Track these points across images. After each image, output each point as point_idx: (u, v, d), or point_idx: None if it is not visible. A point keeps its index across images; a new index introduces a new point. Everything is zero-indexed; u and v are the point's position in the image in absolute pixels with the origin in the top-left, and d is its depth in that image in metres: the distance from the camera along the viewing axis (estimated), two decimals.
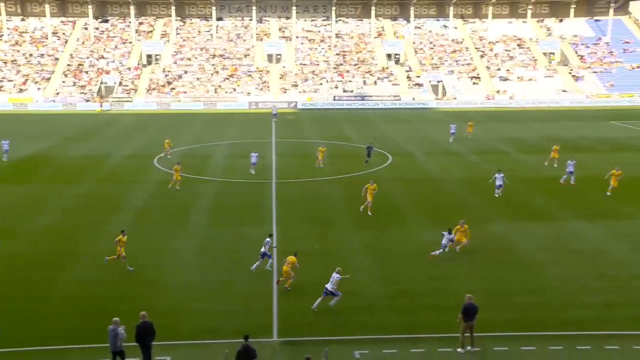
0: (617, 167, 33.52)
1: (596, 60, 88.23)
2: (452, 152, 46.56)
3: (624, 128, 59.43)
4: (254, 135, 55.21)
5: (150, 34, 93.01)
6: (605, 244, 25.26)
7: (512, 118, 68.11)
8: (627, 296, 20.16)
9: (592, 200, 32.45)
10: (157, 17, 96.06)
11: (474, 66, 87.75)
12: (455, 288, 20.73)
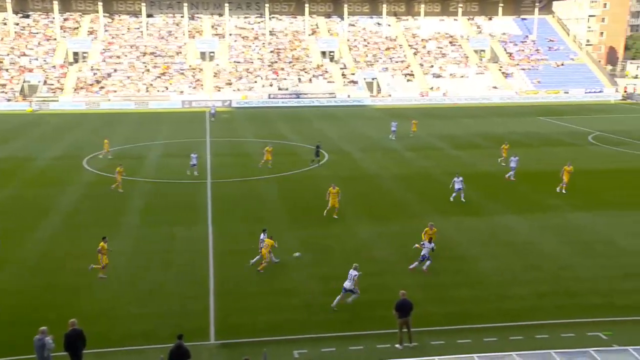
0: (568, 163, 34.32)
1: (524, 57, 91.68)
2: (388, 148, 47.24)
3: (550, 123, 62.01)
4: (188, 134, 54.25)
5: (76, 31, 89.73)
6: (535, 236, 26.24)
7: (445, 114, 69.82)
8: (556, 286, 21.01)
9: (522, 194, 33.65)
10: (83, 13, 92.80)
11: (407, 63, 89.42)
12: (392, 283, 21.01)
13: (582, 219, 28.41)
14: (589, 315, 18.65)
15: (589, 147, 47.47)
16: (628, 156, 43.58)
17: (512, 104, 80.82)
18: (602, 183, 35.70)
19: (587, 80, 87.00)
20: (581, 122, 61.33)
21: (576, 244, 25.21)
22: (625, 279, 21.52)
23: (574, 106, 77.22)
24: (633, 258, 23.46)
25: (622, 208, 30.24)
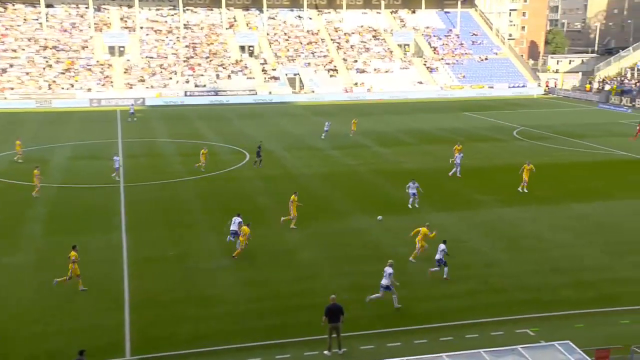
0: (527, 162, 34.97)
1: (448, 52, 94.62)
2: (313, 147, 47.51)
3: (476, 119, 64.30)
4: (98, 135, 52.43)
5: None
6: (464, 234, 27.12)
7: (370, 111, 70.96)
8: (485, 283, 21.77)
9: (451, 191, 34.69)
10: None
11: (330, 58, 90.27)
12: (321, 286, 21.14)
13: (509, 215, 29.60)
14: (517, 312, 19.44)
15: (514, 142, 49.54)
16: (551, 150, 45.81)
17: (438, 99, 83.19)
18: (527, 178, 37.31)
19: (511, 75, 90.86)
20: (506, 117, 63.96)
21: (504, 240, 26.23)
22: (552, 273, 22.59)
23: (499, 101, 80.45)
24: (559, 252, 24.67)
25: (547, 202, 31.75)
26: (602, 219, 29.03)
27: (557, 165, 40.62)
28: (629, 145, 47.17)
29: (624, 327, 18.43)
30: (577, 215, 29.55)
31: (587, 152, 44.92)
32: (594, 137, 50.88)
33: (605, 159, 42.79)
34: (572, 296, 20.59)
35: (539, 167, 40.00)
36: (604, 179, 36.88)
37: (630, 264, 23.37)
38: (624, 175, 37.77)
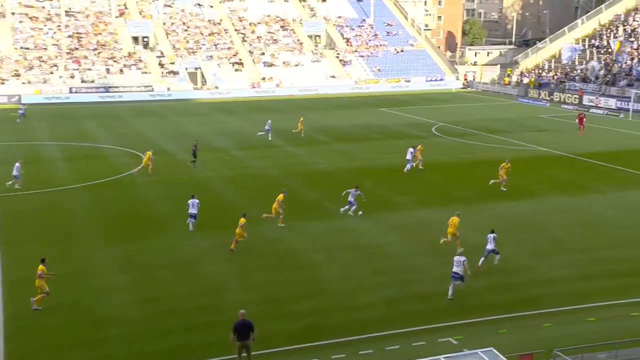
0: (507, 160, 35.92)
1: (362, 43, 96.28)
2: (218, 148, 47.02)
3: (393, 115, 65.75)
4: None
5: None
6: (382, 238, 27.60)
7: (280, 108, 71.05)
8: (405, 290, 22.22)
9: (366, 192, 35.15)
10: None
11: (235, 51, 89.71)
12: (229, 301, 20.90)
13: (429, 216, 30.38)
14: (440, 320, 19.96)
15: (433, 139, 51.00)
16: (470, 148, 47.52)
17: (352, 94, 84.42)
18: (447, 177, 38.50)
19: (428, 68, 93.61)
20: (424, 113, 65.79)
21: (424, 243, 26.90)
22: (475, 277, 23.34)
23: (416, 96, 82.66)
24: (480, 255, 25.54)
25: (469, 202, 32.84)
26: (524, 217, 30.33)
27: (478, 163, 42.11)
28: (550, 140, 49.64)
29: (547, 330, 19.31)
30: (499, 214, 30.74)
31: (507, 148, 46.88)
32: (514, 132, 53.19)
33: (526, 155, 44.80)
34: (496, 300, 21.38)
35: (459, 165, 41.37)
36: (526, 176, 38.56)
37: (553, 263, 24.53)
38: (546, 172, 39.68)
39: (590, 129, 55.70)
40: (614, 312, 20.38)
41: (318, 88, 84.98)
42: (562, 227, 28.92)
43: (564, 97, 74.43)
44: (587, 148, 46.20)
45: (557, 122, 60.11)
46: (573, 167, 40.98)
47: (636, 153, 44.85)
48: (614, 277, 23.09)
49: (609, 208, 31.81)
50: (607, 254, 25.36)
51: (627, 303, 20.94)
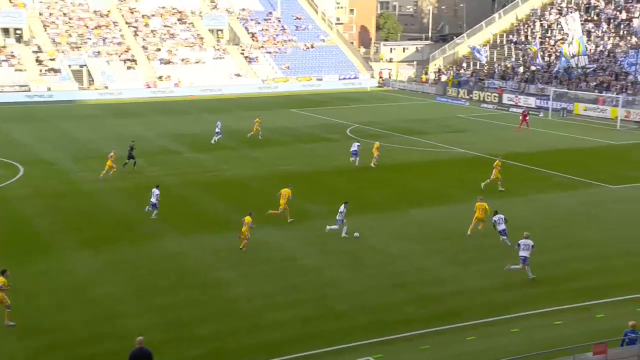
0: (499, 158, 37.71)
1: (269, 38, 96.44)
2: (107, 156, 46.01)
3: (304, 116, 66.17)
4: None
5: None
6: (293, 250, 27.66)
7: (180, 109, 70.17)
8: (321, 307, 22.33)
9: (275, 201, 35.22)
10: None
11: (126, 46, 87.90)
12: (125, 327, 20.40)
13: (348, 225, 30.66)
14: (358, 338, 20.13)
15: (348, 142, 51.52)
16: (387, 151, 48.39)
17: (260, 94, 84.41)
18: (363, 182, 39.06)
19: (341, 65, 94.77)
20: (338, 114, 66.55)
21: (341, 254, 27.15)
22: (394, 289, 23.78)
23: (329, 95, 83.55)
24: (400, 265, 26.06)
25: (386, 209, 33.43)
26: (444, 224, 31.14)
27: (395, 167, 42.97)
28: (469, 141, 51.24)
29: (470, 344, 19.85)
30: (418, 221, 31.44)
31: (426, 150, 48.09)
32: (432, 133, 54.59)
33: (445, 157, 46.08)
34: (417, 314, 21.81)
35: (375, 169, 42.03)
36: (446, 179, 39.67)
37: (476, 272, 25.28)
38: (466, 175, 40.91)
39: (511, 128, 57.96)
40: (537, 322, 21.17)
41: (222, 88, 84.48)
42: (483, 233, 29.83)
43: (484, 96, 77.09)
44: (507, 149, 47.95)
45: (477, 122, 62.15)
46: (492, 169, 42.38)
47: (556, 153, 46.94)
48: (536, 285, 24.01)
49: (531, 211, 33.11)
50: (530, 259, 26.33)
51: (550, 312, 21.79)
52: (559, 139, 52.76)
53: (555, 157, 45.28)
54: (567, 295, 23.07)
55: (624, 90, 65.13)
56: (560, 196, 35.93)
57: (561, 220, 31.85)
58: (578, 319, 21.34)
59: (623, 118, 59.16)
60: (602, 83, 68.93)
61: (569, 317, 21.47)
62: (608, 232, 29.88)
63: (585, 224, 31.12)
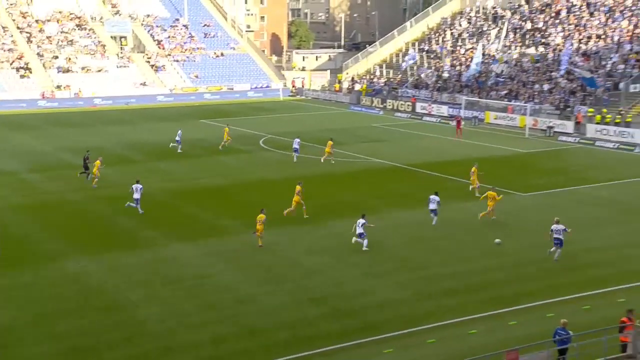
0: (475, 164, 39.33)
1: (176, 46, 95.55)
2: (2, 171, 44.68)
3: (216, 127, 65.89)
4: None
5: None
6: (206, 267, 27.62)
7: (81, 121, 68.72)
8: (237, 325, 22.39)
9: (188, 215, 35.08)
10: None
11: (19, 53, 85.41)
12: (24, 356, 19.94)
13: (262, 240, 30.88)
14: (275, 355, 20.31)
15: (261, 154, 51.85)
16: (302, 161, 48.82)
17: (167, 104, 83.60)
18: (278, 194, 39.32)
19: (253, 74, 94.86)
20: (250, 124, 66.59)
21: (257, 269, 27.31)
22: (312, 304, 24.12)
23: (241, 105, 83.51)
24: (317, 279, 26.41)
25: (303, 222, 33.76)
26: None
27: (311, 178, 43.36)
28: (384, 151, 52.29)
29: (387, 357, 20.37)
30: (337, 233, 31.81)
31: (342, 161, 48.76)
32: (347, 143, 55.38)
33: (362, 168, 46.89)
34: (333, 329, 22.17)
35: (290, 181, 42.37)
36: (364, 190, 40.38)
37: (393, 284, 25.91)
38: (383, 185, 41.79)
39: (424, 137, 59.54)
40: (453, 332, 21.92)
41: (127, 97, 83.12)
42: (399, 244, 30.62)
43: (397, 105, 78.76)
44: (422, 158, 49.25)
45: (391, 132, 63.43)
46: (409, 179, 43.49)
47: (469, 162, 48.43)
48: (451, 295, 24.80)
49: (444, 221, 34.11)
50: (444, 270, 27.24)
51: (465, 321, 22.58)
52: (471, 147, 54.47)
53: (468, 166, 46.71)
54: (481, 304, 23.92)
55: (531, 99, 67.97)
56: (474, 205, 37.12)
57: (475, 229, 32.94)
58: (491, 328, 22.21)
59: (531, 126, 61.67)
60: (511, 92, 71.67)
61: (483, 325, 22.31)
62: (520, 241, 31.12)
63: (497, 233, 32.30)
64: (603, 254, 29.35)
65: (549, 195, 38.83)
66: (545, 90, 69.30)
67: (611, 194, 39.26)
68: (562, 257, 28.14)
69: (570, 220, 33.99)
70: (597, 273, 27.08)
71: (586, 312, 21.14)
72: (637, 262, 28.17)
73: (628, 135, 55.79)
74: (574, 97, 66.03)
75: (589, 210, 36.24)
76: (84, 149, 52.39)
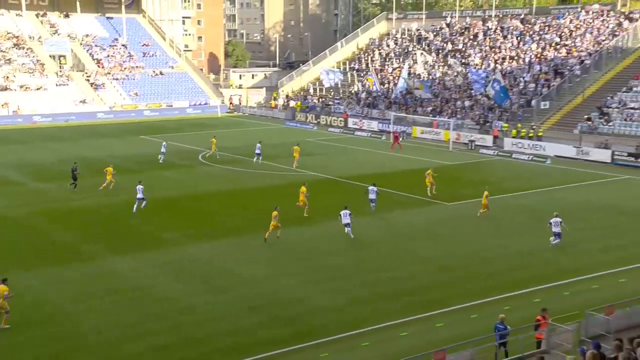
0: (431, 169, 42.27)
1: (115, 65, 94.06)
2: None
3: (156, 142, 65.00)
4: None
5: None
6: (147, 279, 27.18)
7: (20, 138, 66.98)
8: (177, 335, 22.05)
9: (129, 229, 34.51)
10: None
11: None
12: None
13: (200, 251, 30.57)
14: None
15: (201, 168, 51.41)
16: (240, 175, 48.69)
17: (107, 121, 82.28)
18: (217, 207, 39.12)
19: (191, 91, 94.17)
20: (190, 140, 65.95)
21: (196, 280, 27.01)
22: (249, 313, 24.00)
23: (180, 121, 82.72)
24: (254, 288, 26.28)
25: (238, 233, 33.62)
26: (297, 245, 31.76)
27: (248, 191, 43.33)
28: (318, 164, 52.49)
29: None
30: (272, 244, 31.72)
31: (277, 174, 48.78)
32: (283, 157, 55.40)
33: (295, 180, 46.85)
34: (271, 336, 22.07)
35: (229, 194, 42.25)
36: (297, 202, 40.48)
37: (328, 291, 25.98)
38: (316, 196, 41.88)
39: (355, 150, 60.07)
40: (385, 335, 22.11)
41: (67, 115, 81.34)
42: (334, 252, 30.79)
43: (330, 120, 79.28)
44: (354, 171, 49.65)
45: (325, 146, 63.78)
46: (342, 191, 43.78)
47: (398, 174, 49.16)
48: (383, 300, 25.05)
49: (377, 229, 34.51)
50: (377, 276, 27.50)
51: (396, 324, 22.81)
52: (400, 160, 55.18)
53: (397, 178, 47.35)
54: (411, 307, 24.20)
55: (454, 115, 69.41)
56: (403, 214, 37.68)
57: (404, 237, 33.39)
58: (421, 330, 22.51)
59: (454, 140, 62.93)
60: (436, 108, 73.08)
61: (413, 328, 22.59)
62: (445, 247, 31.65)
63: (425, 240, 32.82)
64: (520, 258, 30.12)
65: (472, 204, 39.62)
66: (466, 106, 70.92)
67: (526, 202, 40.32)
68: (484, 261, 28.84)
69: (490, 227, 34.89)
70: (516, 276, 27.74)
71: (507, 312, 21.59)
72: (551, 265, 29.01)
73: (540, 148, 57.50)
74: (492, 113, 67.78)
75: (508, 217, 37.11)
76: (25, 165, 51.22)
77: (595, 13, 78.19)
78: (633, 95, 61.82)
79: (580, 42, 73.89)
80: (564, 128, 61.95)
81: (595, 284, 26.52)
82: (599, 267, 28.52)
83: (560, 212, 32.21)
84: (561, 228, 30.75)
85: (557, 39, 76.55)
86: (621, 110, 60.44)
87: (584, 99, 65.27)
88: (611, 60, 69.50)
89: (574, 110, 65.02)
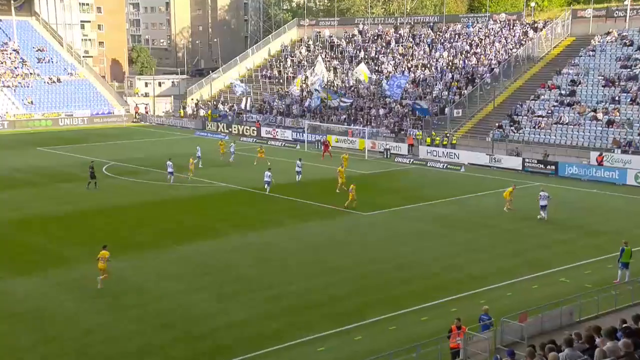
0: (341, 164, 45.78)
1: (6, 71, 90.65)
2: None
3: (55, 154, 63.24)
4: None
5: None
6: (45, 300, 26.38)
7: None
8: (82, 357, 21.60)
9: (27, 247, 33.43)
10: None
11: None
12: None
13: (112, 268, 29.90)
14: None
15: (105, 180, 50.21)
16: (148, 187, 47.91)
17: (1, 131, 79.48)
18: (123, 221, 38.35)
19: (93, 100, 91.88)
20: (92, 151, 64.19)
21: (103, 298, 26.40)
22: (160, 330, 23.65)
23: (82, 131, 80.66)
24: (166, 304, 25.92)
25: (149, 247, 33.03)
26: (208, 258, 31.48)
27: (159, 203, 42.71)
28: (229, 175, 52.22)
29: None
30: (182, 257, 31.43)
31: (186, 186, 48.25)
32: (195, 168, 54.83)
33: (205, 192, 46.60)
34: (184, 353, 21.84)
35: (133, 207, 41.59)
36: (207, 214, 40.21)
37: (242, 305, 25.90)
38: (228, 208, 41.81)
39: (270, 161, 60.06)
40: (303, 350, 22.21)
41: None
42: (247, 265, 30.73)
43: (243, 129, 79.04)
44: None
45: (237, 156, 63.46)
46: (255, 202, 43.72)
47: (313, 184, 49.44)
48: (297, 313, 25.20)
49: (292, 240, 34.65)
50: (290, 288, 27.62)
51: (314, 339, 22.91)
52: (315, 169, 55.48)
53: (313, 188, 47.65)
54: (328, 320, 24.40)
55: (369, 123, 70.53)
56: (319, 224, 37.97)
57: (319, 247, 33.64)
58: (339, 344, 22.68)
59: (370, 149, 63.93)
60: (350, 116, 74.04)
61: (331, 342, 22.73)
62: (361, 256, 32.07)
63: (341, 250, 33.16)
64: (434, 265, 30.82)
65: (388, 213, 40.34)
66: (381, 114, 72.16)
67: (440, 211, 41.32)
68: (399, 270, 29.48)
69: (403, 236, 35.59)
70: (431, 284, 28.35)
71: (423, 322, 22.08)
72: (463, 271, 29.69)
73: (454, 156, 59.04)
74: (406, 122, 69.24)
75: (422, 225, 37.86)
76: None
77: (503, 22, 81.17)
78: (540, 103, 64.49)
79: (489, 51, 76.51)
80: (477, 135, 63.96)
81: (509, 291, 27.37)
82: (510, 274, 29.39)
83: (473, 219, 33.18)
84: (548, 201, 36.78)
85: (467, 47, 78.97)
86: (530, 118, 62.91)
87: (495, 106, 67.62)
88: (519, 68, 72.32)
89: (486, 118, 67.28)
